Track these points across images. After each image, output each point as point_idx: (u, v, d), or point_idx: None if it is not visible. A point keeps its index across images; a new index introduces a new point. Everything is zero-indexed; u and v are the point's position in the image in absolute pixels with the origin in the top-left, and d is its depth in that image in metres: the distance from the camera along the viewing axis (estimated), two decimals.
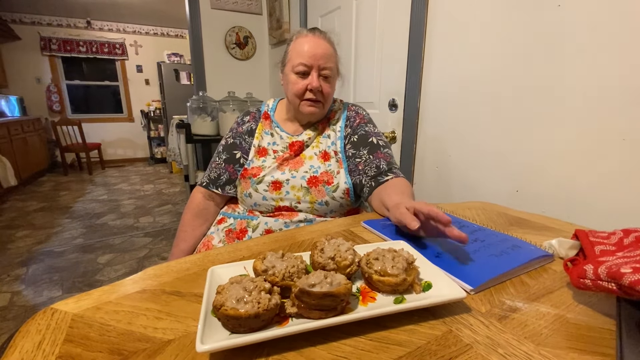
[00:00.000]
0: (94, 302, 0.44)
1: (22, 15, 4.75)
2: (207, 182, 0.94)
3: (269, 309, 0.35)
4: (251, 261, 0.48)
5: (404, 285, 0.42)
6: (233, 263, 0.49)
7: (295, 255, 0.47)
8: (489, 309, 0.42)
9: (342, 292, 0.37)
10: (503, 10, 0.99)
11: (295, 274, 0.42)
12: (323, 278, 0.39)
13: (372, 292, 0.44)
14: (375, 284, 0.43)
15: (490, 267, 0.49)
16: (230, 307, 0.34)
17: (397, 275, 0.42)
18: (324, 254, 0.47)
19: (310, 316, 0.37)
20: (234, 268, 0.48)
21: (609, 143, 0.78)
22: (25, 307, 1.74)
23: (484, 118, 1.08)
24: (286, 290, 0.42)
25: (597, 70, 0.79)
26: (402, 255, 0.45)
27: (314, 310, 0.37)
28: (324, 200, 0.85)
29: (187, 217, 0.93)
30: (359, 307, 0.41)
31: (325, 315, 0.37)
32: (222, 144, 0.97)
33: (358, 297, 0.43)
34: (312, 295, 0.36)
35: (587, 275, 0.40)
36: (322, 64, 0.84)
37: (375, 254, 0.46)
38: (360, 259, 0.47)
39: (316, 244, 0.49)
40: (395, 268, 0.42)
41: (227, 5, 2.57)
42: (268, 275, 0.42)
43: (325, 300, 0.36)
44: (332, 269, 0.45)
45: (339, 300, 0.37)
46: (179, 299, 0.44)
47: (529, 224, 0.72)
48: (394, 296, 0.43)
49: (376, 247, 0.49)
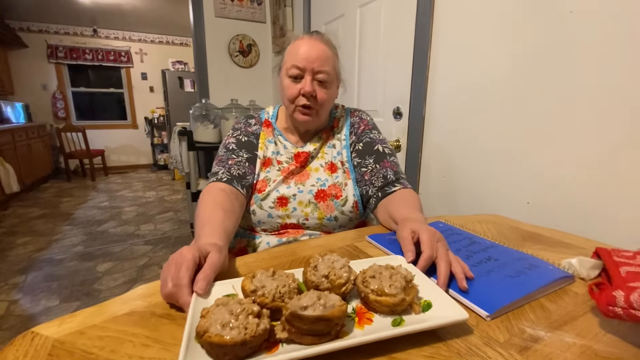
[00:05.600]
0: (77, 326, 0.40)
1: (30, 24, 4.81)
2: (230, 177, 0.76)
3: (257, 335, 0.32)
4: (240, 279, 0.44)
5: (402, 305, 0.40)
6: (222, 281, 0.46)
7: (286, 273, 0.44)
8: (507, 338, 0.38)
9: (337, 315, 0.34)
10: (512, 16, 0.96)
11: (286, 294, 0.39)
12: (316, 299, 0.36)
13: (368, 312, 0.41)
14: (372, 304, 0.41)
15: (507, 289, 0.45)
16: (215, 333, 0.31)
17: (395, 295, 0.39)
18: (317, 272, 0.44)
19: (302, 342, 0.34)
20: (222, 287, 0.45)
21: (626, 153, 0.75)
22: (21, 317, 1.71)
23: (492, 127, 1.05)
24: (277, 312, 0.38)
25: (611, 78, 0.76)
26: (400, 272, 0.42)
27: (306, 336, 0.34)
28: (332, 215, 0.80)
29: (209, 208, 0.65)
30: (354, 330, 0.38)
31: (319, 341, 0.34)
32: (232, 141, 0.85)
33: (354, 319, 0.40)
34: (304, 320, 0.33)
35: (618, 303, 0.36)
36: (317, 67, 0.76)
37: (371, 272, 0.43)
38: (356, 277, 0.44)
39: (309, 260, 0.47)
40: (393, 287, 0.40)
41: (231, 13, 2.58)
42: (257, 296, 0.39)
43: (318, 325, 0.33)
44: (325, 288, 0.42)
45: (333, 325, 0.35)
46: (169, 322, 0.41)
47: (543, 240, 0.68)
48: (392, 317, 0.40)
49: (373, 263, 0.46)
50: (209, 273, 0.44)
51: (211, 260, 0.46)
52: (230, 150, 0.83)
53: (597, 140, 0.79)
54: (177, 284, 0.42)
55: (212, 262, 0.45)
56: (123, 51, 5.45)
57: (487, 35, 1.04)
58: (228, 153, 0.83)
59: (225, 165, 0.79)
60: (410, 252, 0.51)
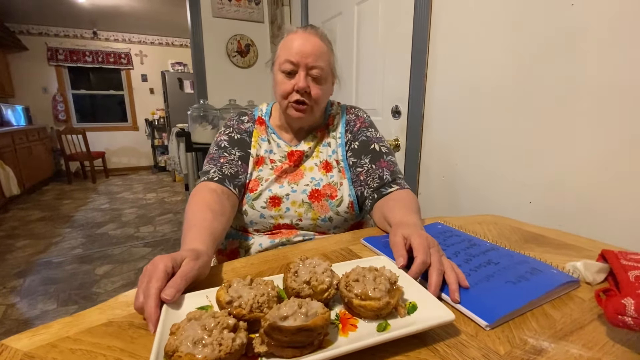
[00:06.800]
0: (50, 338, 0.38)
1: (30, 27, 4.82)
2: (221, 176, 0.73)
3: (233, 351, 0.29)
4: (216, 289, 0.41)
5: (387, 309, 0.38)
6: (195, 292, 0.43)
7: (265, 280, 0.41)
8: (509, 350, 0.35)
9: (320, 324, 0.32)
10: (513, 10, 0.93)
11: (265, 303, 0.37)
12: (297, 308, 0.34)
13: (352, 318, 0.40)
14: (356, 309, 0.39)
15: (507, 297, 0.42)
16: (186, 352, 0.28)
17: (380, 298, 0.37)
18: (298, 278, 0.41)
19: (282, 355, 0.32)
20: (195, 298, 0.42)
21: (632, 152, 0.72)
22: (18, 321, 1.69)
23: (492, 124, 1.02)
24: (256, 323, 0.36)
25: (615, 77, 0.73)
26: (383, 274, 0.41)
27: (287, 348, 0.32)
28: (327, 216, 0.78)
29: (196, 210, 0.63)
30: (339, 338, 0.36)
31: (300, 353, 0.32)
32: (224, 139, 0.82)
33: (337, 326, 0.38)
34: (284, 331, 0.31)
35: (628, 312, 0.34)
36: (311, 62, 0.73)
37: (355, 275, 0.41)
38: (339, 281, 0.42)
39: (289, 266, 0.44)
40: (378, 290, 0.38)
41: (229, 13, 2.56)
42: (233, 307, 0.36)
43: (299, 336, 0.31)
44: (307, 295, 0.39)
45: (316, 334, 0.32)
46: (147, 333, 0.38)
47: (546, 241, 0.65)
48: (376, 322, 0.38)
49: (355, 265, 0.44)
50: (179, 282, 0.41)
51: (183, 269, 0.43)
52: (222, 147, 0.80)
53: (602, 138, 0.76)
54: (145, 295, 0.39)
55: (184, 270, 0.43)
56: (123, 53, 5.45)
57: (486, 32, 1.01)
58: (220, 151, 0.80)
59: (217, 164, 0.76)
60: (402, 257, 0.48)
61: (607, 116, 0.75)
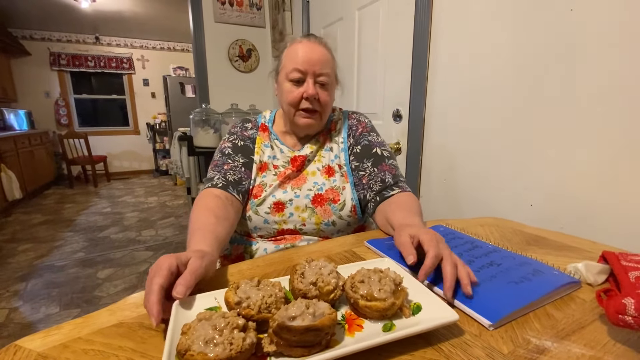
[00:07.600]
0: (62, 338, 0.39)
1: (33, 32, 4.86)
2: (225, 183, 0.75)
3: (243, 350, 0.30)
4: (224, 290, 0.42)
5: (392, 309, 0.39)
6: (204, 293, 0.44)
7: (272, 282, 0.42)
8: (512, 349, 0.36)
9: (327, 324, 0.33)
10: (513, 14, 0.95)
11: (273, 304, 0.38)
12: (305, 308, 0.35)
13: (358, 318, 0.40)
14: (361, 310, 0.40)
15: (510, 297, 0.43)
16: (198, 351, 0.29)
17: (385, 299, 0.38)
18: (304, 279, 0.42)
19: (291, 354, 0.33)
20: (204, 300, 0.43)
21: (633, 154, 0.73)
22: (21, 325, 1.69)
23: (494, 127, 1.03)
24: (264, 323, 0.37)
25: (615, 77, 0.74)
26: (388, 275, 0.41)
27: (295, 347, 0.32)
28: (330, 220, 0.79)
29: (200, 215, 0.64)
30: (345, 338, 0.37)
31: (309, 352, 0.33)
32: (228, 146, 0.83)
33: (344, 326, 0.39)
34: (292, 331, 0.31)
35: (628, 312, 0.34)
36: (318, 70, 0.76)
37: (360, 276, 0.42)
38: (345, 282, 0.43)
39: (296, 267, 0.45)
40: (383, 291, 0.39)
41: (231, 18, 2.58)
42: (242, 308, 0.37)
43: (307, 336, 0.32)
44: (314, 296, 0.40)
45: (324, 334, 0.33)
46: (158, 334, 0.39)
47: (548, 243, 0.66)
48: (382, 322, 0.39)
49: (360, 267, 0.45)
50: (188, 278, 0.42)
51: (191, 266, 0.44)
52: (226, 154, 0.82)
53: (603, 140, 0.77)
54: (147, 291, 0.40)
55: (192, 267, 0.43)
56: (125, 58, 5.48)
57: (486, 36, 1.02)
58: (224, 158, 0.81)
59: (220, 171, 0.78)
60: (412, 255, 0.48)
61: (608, 118, 0.76)
